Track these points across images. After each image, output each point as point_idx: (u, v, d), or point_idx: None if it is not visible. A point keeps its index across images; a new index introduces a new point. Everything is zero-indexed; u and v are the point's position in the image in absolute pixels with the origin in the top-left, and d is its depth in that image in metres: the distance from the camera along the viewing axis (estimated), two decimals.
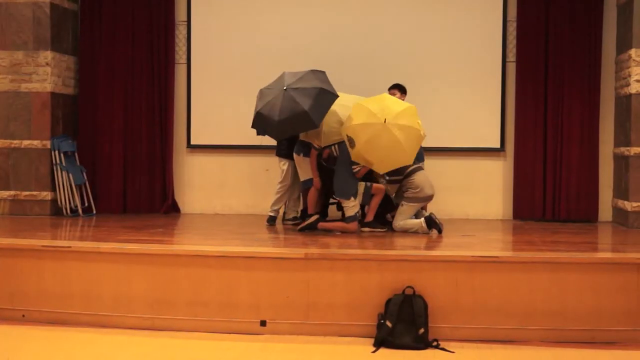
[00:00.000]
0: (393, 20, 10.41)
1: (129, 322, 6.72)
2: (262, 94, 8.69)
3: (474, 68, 10.33)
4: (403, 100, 8.87)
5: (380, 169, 8.16)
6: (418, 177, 8.40)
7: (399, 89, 9.07)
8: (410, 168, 8.34)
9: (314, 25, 10.43)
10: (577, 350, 6.17)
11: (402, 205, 8.47)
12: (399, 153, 7.89)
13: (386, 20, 10.42)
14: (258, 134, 8.87)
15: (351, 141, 7.90)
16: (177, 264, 6.90)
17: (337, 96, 8.46)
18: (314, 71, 8.70)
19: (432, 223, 8.20)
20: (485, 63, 10.34)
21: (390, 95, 8.35)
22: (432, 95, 10.08)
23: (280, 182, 9.20)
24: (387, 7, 10.42)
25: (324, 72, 8.76)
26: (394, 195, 8.69)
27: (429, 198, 8.53)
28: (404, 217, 8.43)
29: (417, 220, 8.34)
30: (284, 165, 9.17)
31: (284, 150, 9.15)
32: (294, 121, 8.28)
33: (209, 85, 8.69)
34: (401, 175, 8.40)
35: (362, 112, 7.88)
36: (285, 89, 8.32)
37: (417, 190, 8.41)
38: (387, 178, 8.51)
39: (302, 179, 8.84)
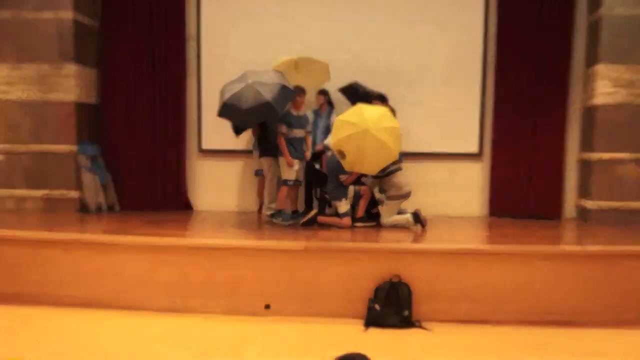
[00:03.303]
0: (386, 33, 10.63)
1: (150, 305, 7.08)
2: (225, 89, 8.93)
3: (456, 81, 10.38)
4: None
5: (372, 171, 8.24)
6: (397, 178, 8.53)
7: (380, 100, 9.14)
8: (390, 168, 8.45)
9: (315, 36, 10.52)
10: (543, 330, 6.61)
11: (386, 203, 8.61)
12: (386, 152, 7.95)
13: (379, 31, 10.63)
14: (226, 118, 9.10)
15: (342, 154, 8.02)
16: (192, 254, 7.16)
17: (295, 92, 8.96)
18: (274, 70, 9.03)
19: (417, 219, 8.33)
20: (466, 77, 10.45)
21: (364, 105, 8.41)
22: (419, 105, 10.16)
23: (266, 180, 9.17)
24: (381, 20, 10.57)
25: (282, 72, 9.11)
26: (375, 188, 8.79)
27: (408, 195, 8.61)
28: (390, 214, 8.55)
29: (405, 216, 8.45)
30: (265, 163, 9.35)
31: (263, 150, 9.35)
32: (259, 110, 8.53)
33: (218, 95, 8.96)
34: (383, 172, 8.51)
35: (344, 126, 7.93)
36: (250, 83, 8.59)
37: (398, 188, 8.55)
38: (378, 174, 8.61)
39: (283, 177, 8.95)
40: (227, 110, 8.61)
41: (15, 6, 9.88)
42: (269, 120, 8.88)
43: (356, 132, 7.75)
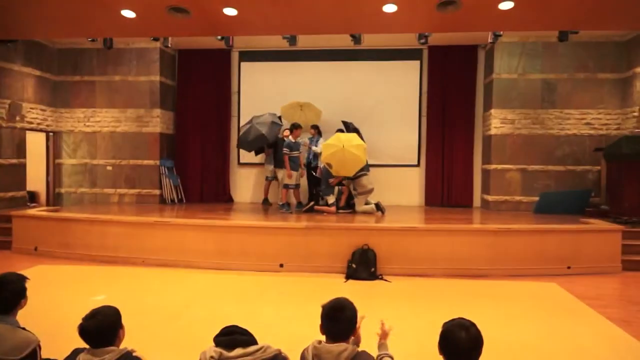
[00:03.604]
0: (360, 87, 10.43)
1: (204, 264, 6.99)
2: (241, 129, 9.60)
3: (404, 119, 10.54)
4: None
5: (349, 173, 8.36)
6: (364, 179, 8.65)
7: (355, 131, 9.13)
8: (359, 174, 8.50)
9: (314, 87, 10.46)
10: (462, 280, 6.41)
11: (357, 197, 8.74)
12: (358, 161, 8.14)
13: (356, 86, 10.41)
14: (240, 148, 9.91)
15: (330, 165, 8.24)
16: (232, 231, 7.17)
17: (282, 125, 9.38)
18: (269, 113, 9.43)
19: (379, 207, 8.52)
20: (410, 116, 10.51)
21: (340, 133, 8.58)
22: (381, 133, 10.29)
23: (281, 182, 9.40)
24: (356, 75, 10.44)
25: (274, 113, 9.56)
26: (351, 186, 8.90)
27: (371, 191, 8.76)
28: (361, 204, 8.72)
29: (371, 205, 8.65)
30: (279, 172, 9.26)
31: (276, 163, 9.35)
32: (258, 139, 9.01)
33: None
34: (354, 175, 8.41)
35: (329, 147, 8.09)
36: (253, 124, 9.03)
37: (364, 187, 8.65)
38: (350, 177, 8.59)
39: (285, 182, 8.94)
40: (241, 142, 9.43)
41: (123, 73, 10.38)
42: (265, 144, 9.25)
43: (337, 150, 8.04)
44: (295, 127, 8.92)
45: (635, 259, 6.86)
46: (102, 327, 2.21)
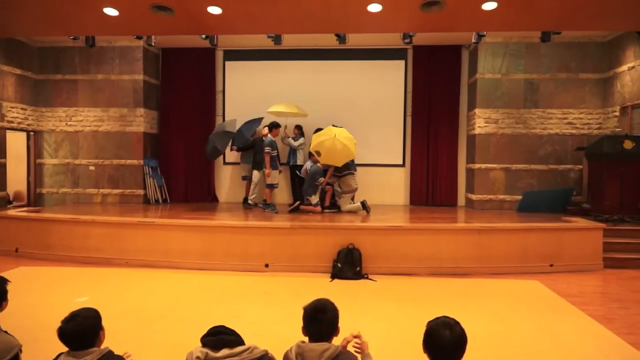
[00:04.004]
0: (346, 87, 10.43)
1: (188, 265, 6.94)
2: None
3: (389, 120, 10.52)
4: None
5: (338, 163, 8.44)
6: (350, 179, 8.69)
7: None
8: (346, 172, 8.62)
9: (300, 84, 10.46)
10: (446, 279, 6.46)
11: (343, 196, 8.76)
12: (348, 152, 8.32)
13: (342, 86, 10.43)
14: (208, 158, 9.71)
15: (318, 153, 8.37)
16: (216, 232, 7.10)
17: (234, 133, 9.32)
18: (228, 121, 9.52)
19: (364, 206, 8.54)
20: (395, 117, 10.50)
21: (332, 126, 8.63)
22: (365, 132, 10.20)
23: (253, 183, 9.19)
24: (341, 75, 10.43)
25: (235, 119, 9.62)
26: (336, 184, 8.90)
27: (355, 189, 8.83)
28: (346, 203, 8.74)
29: (357, 204, 8.64)
30: (256, 173, 9.05)
31: (254, 165, 9.14)
32: (213, 152, 9.03)
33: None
34: (341, 174, 8.56)
35: (320, 137, 8.38)
36: (210, 136, 9.17)
37: (349, 186, 8.68)
38: (337, 174, 8.61)
39: (267, 182, 8.81)
40: (206, 152, 9.26)
41: (105, 71, 10.29)
42: (218, 154, 9.36)
43: (328, 138, 8.32)
44: (274, 126, 8.88)
45: (616, 257, 6.96)
46: (82, 329, 2.19)
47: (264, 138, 8.82)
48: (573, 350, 3.92)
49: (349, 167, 8.59)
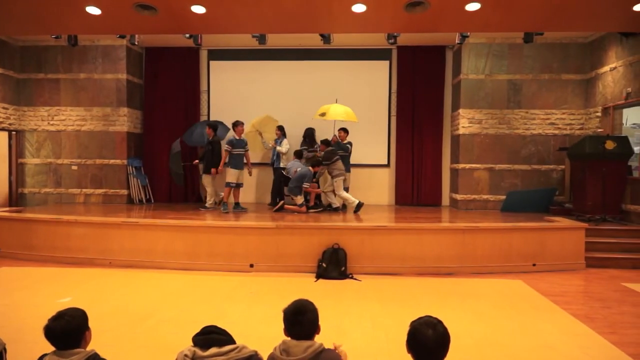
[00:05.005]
0: (330, 88, 10.38)
1: (173, 265, 6.91)
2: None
3: (373, 118, 10.58)
4: (346, 138, 9.38)
5: (341, 117, 8.83)
6: (338, 164, 8.70)
7: (344, 131, 9.34)
8: (334, 158, 8.63)
9: (285, 83, 10.51)
10: (430, 278, 6.52)
11: (335, 181, 8.71)
12: (350, 113, 8.84)
13: (325, 81, 10.48)
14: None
15: (323, 114, 8.81)
16: (201, 232, 7.06)
17: (179, 150, 9.47)
18: (174, 144, 9.63)
19: (359, 208, 8.52)
20: (380, 118, 10.60)
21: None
22: (350, 132, 9.71)
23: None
24: (326, 75, 10.49)
25: (177, 139, 9.72)
26: (326, 172, 9.02)
27: (345, 172, 8.89)
28: (340, 187, 8.68)
29: (354, 199, 8.60)
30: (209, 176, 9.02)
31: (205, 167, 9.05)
32: (175, 175, 9.49)
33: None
34: (330, 160, 8.59)
35: (324, 106, 8.94)
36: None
37: (339, 169, 8.68)
38: (327, 162, 8.63)
39: (227, 180, 8.63)
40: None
41: (88, 70, 10.21)
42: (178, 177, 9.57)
43: (330, 105, 9.02)
44: (236, 125, 8.73)
45: (598, 256, 7.03)
46: (69, 328, 2.17)
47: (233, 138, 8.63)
48: (556, 349, 3.93)
49: (336, 153, 8.65)
